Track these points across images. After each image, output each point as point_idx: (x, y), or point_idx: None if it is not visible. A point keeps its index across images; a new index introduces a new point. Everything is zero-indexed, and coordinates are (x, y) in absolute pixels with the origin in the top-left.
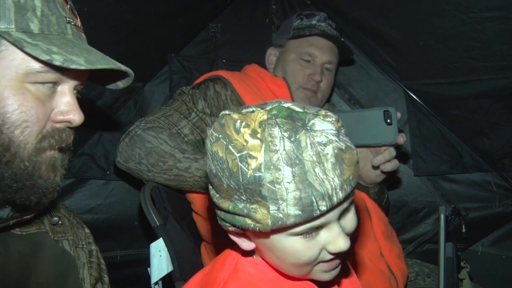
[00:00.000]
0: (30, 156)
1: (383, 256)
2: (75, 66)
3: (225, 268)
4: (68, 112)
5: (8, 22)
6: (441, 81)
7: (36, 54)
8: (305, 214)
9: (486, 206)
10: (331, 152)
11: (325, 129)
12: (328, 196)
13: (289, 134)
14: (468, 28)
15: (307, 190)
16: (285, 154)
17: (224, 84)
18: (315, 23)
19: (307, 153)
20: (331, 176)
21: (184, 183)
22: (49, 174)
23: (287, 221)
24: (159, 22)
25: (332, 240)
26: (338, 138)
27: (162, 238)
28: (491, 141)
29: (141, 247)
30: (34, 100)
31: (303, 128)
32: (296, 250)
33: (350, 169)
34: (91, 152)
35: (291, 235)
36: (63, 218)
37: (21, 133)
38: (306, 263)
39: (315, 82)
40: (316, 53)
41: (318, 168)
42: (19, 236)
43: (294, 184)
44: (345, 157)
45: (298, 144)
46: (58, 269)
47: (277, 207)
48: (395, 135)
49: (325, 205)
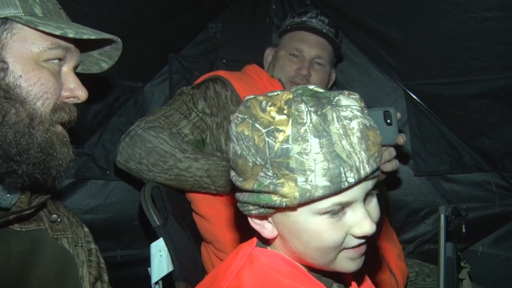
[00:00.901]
0: (49, 127)
1: (383, 256)
2: (87, 36)
3: (238, 257)
4: (75, 88)
5: (15, 8)
6: (441, 81)
7: (50, 30)
8: (334, 186)
9: (486, 206)
10: (357, 127)
11: (350, 104)
12: (356, 168)
13: (315, 109)
14: (468, 28)
15: (335, 161)
16: (312, 126)
17: (224, 84)
18: (306, 20)
19: (334, 125)
20: (358, 149)
21: (185, 182)
22: (64, 149)
23: (315, 192)
24: (159, 22)
25: (358, 222)
26: (362, 115)
27: (162, 238)
28: (491, 141)
29: (141, 247)
30: (50, 74)
31: (328, 103)
32: (321, 231)
33: (375, 146)
34: (91, 152)
35: (317, 214)
36: (62, 216)
37: (42, 104)
38: (331, 247)
39: (303, 76)
40: (304, 48)
41: (345, 140)
42: (19, 232)
43: (322, 155)
44: (369, 134)
45: (324, 117)
46: (58, 267)
47: (305, 178)
48: (395, 136)
49: (353, 177)
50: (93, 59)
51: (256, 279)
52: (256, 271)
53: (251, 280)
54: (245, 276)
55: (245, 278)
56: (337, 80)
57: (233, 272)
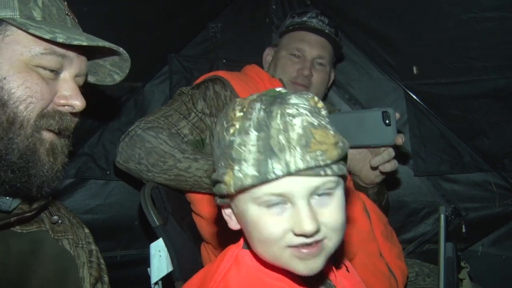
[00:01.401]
0: (32, 134)
1: (382, 256)
2: (77, 42)
3: (225, 259)
4: (71, 96)
5: (12, 10)
6: (441, 81)
7: (40, 34)
8: (261, 176)
9: (486, 206)
10: (299, 124)
11: (299, 103)
12: (285, 161)
13: (265, 106)
14: (468, 28)
15: (267, 153)
16: (257, 121)
17: (224, 85)
18: (306, 20)
19: (276, 121)
20: (294, 144)
21: (184, 183)
22: (49, 158)
23: (245, 181)
24: (159, 22)
25: (297, 220)
26: (311, 114)
27: (162, 238)
28: (491, 141)
29: (141, 247)
30: (38, 78)
31: (279, 102)
32: (258, 221)
33: (321, 146)
34: (91, 152)
35: (254, 203)
36: (63, 217)
37: (25, 108)
38: (269, 240)
39: (305, 76)
40: (305, 48)
41: (283, 135)
42: (20, 234)
43: (256, 147)
44: (315, 133)
45: (270, 113)
46: (58, 268)
47: (239, 168)
48: (393, 136)
49: (280, 170)
50: (106, 70)
51: (243, 280)
52: (242, 273)
53: (238, 282)
54: (231, 278)
55: (231, 280)
56: (337, 80)
57: (221, 273)
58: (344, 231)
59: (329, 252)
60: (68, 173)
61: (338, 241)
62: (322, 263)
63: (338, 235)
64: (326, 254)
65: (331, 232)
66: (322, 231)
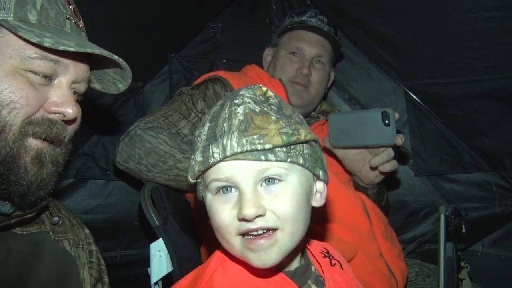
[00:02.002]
0: (15, 140)
1: (382, 256)
2: (64, 47)
3: (213, 260)
4: (62, 103)
5: (7, 12)
6: (441, 81)
7: (28, 37)
8: (205, 161)
9: (486, 206)
10: (241, 111)
11: (245, 93)
12: (223, 145)
13: (223, 101)
14: (468, 28)
15: (210, 140)
16: (211, 114)
17: (224, 85)
18: (305, 19)
19: (224, 111)
20: (233, 130)
21: (184, 183)
22: (33, 166)
23: (195, 168)
24: (159, 22)
25: (241, 205)
26: (254, 102)
27: (162, 238)
28: (491, 141)
29: (141, 247)
30: (26, 83)
31: (233, 95)
32: (212, 208)
33: (260, 130)
34: (91, 152)
35: (208, 191)
36: (63, 218)
37: (8, 113)
38: (222, 228)
39: (304, 75)
40: (304, 47)
41: (226, 123)
42: (20, 235)
43: (205, 136)
44: (256, 118)
45: (222, 105)
46: (59, 269)
47: (194, 156)
48: (393, 136)
49: (218, 153)
50: (110, 78)
51: (228, 281)
52: (228, 274)
53: (223, 283)
54: (217, 279)
55: (216, 281)
56: (337, 80)
57: (208, 274)
58: (302, 226)
59: (284, 245)
60: (68, 173)
61: (293, 233)
62: (277, 256)
63: (292, 226)
64: (281, 248)
65: (283, 222)
66: (269, 218)
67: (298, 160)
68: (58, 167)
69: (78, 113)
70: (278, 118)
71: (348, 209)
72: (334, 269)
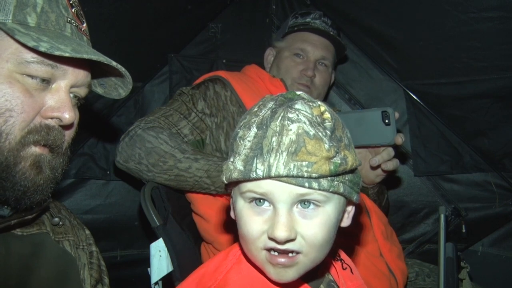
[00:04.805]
0: (12, 149)
1: (382, 256)
2: (59, 52)
3: (228, 258)
4: (58, 108)
5: (6, 14)
6: (441, 81)
7: (25, 41)
8: (245, 172)
9: (486, 206)
10: (294, 130)
11: (301, 109)
12: (268, 164)
13: (275, 106)
14: (468, 28)
15: (256, 151)
16: (261, 119)
17: (224, 85)
18: (309, 21)
19: (275, 122)
20: (282, 149)
21: (184, 183)
22: (31, 171)
23: (233, 174)
24: (159, 22)
25: (273, 224)
26: (310, 123)
27: (162, 238)
28: (491, 141)
29: (141, 247)
30: (21, 90)
31: (287, 104)
32: (242, 216)
33: (310, 157)
34: (91, 152)
35: (241, 198)
36: (63, 219)
37: (4, 122)
38: (249, 238)
39: (308, 77)
40: (308, 49)
41: (276, 138)
42: (20, 236)
43: (250, 143)
44: (308, 142)
45: (273, 114)
46: (59, 270)
47: (233, 160)
48: (393, 135)
49: (261, 170)
50: (112, 82)
51: (243, 280)
52: (243, 273)
53: (238, 282)
54: (232, 277)
55: (232, 280)
56: (337, 80)
57: (222, 272)
58: (326, 250)
59: (303, 267)
60: (68, 173)
61: (316, 258)
62: (294, 275)
63: (316, 252)
64: (300, 269)
65: (309, 247)
66: (297, 243)
67: (339, 189)
68: (56, 175)
69: (75, 118)
70: (330, 146)
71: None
72: (346, 273)
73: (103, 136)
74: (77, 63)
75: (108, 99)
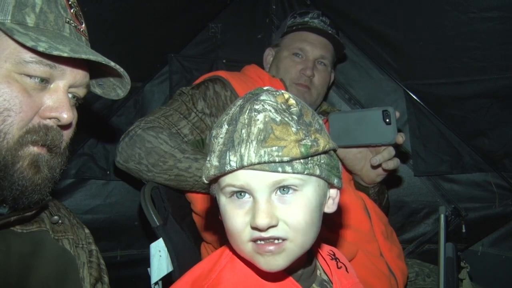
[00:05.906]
0: (10, 149)
1: (382, 256)
2: (57, 52)
3: (222, 257)
4: (57, 108)
5: (4, 14)
6: (441, 81)
7: (23, 41)
8: (220, 167)
9: (486, 206)
10: (261, 119)
11: (266, 99)
12: (240, 154)
13: (243, 102)
14: (468, 28)
15: (228, 145)
16: (230, 116)
17: (224, 85)
18: (308, 20)
19: (243, 116)
20: (252, 139)
21: (184, 183)
22: (29, 171)
23: (210, 171)
24: (159, 22)
25: (254, 213)
26: (275, 110)
27: (162, 238)
28: (491, 141)
29: (141, 247)
30: (20, 90)
31: (253, 98)
32: (225, 212)
33: (279, 142)
34: (91, 152)
35: (222, 194)
36: (63, 217)
37: (2, 121)
38: (234, 232)
39: (307, 77)
40: (307, 48)
41: (245, 129)
42: (20, 234)
43: (223, 139)
44: (276, 129)
45: (241, 109)
46: (58, 268)
47: (209, 158)
48: (394, 135)
49: (234, 162)
50: (110, 83)
51: (236, 279)
52: (236, 271)
53: (231, 281)
54: (225, 275)
55: (225, 278)
56: (337, 80)
57: (216, 271)
58: (313, 234)
59: (292, 254)
60: (68, 173)
61: (303, 243)
62: (284, 262)
63: (302, 236)
64: (289, 255)
65: (293, 232)
66: (281, 229)
67: (315, 171)
68: (54, 174)
69: (73, 118)
70: (298, 129)
71: (349, 208)
72: (340, 272)
73: (103, 136)
74: (76, 63)
75: (108, 99)
